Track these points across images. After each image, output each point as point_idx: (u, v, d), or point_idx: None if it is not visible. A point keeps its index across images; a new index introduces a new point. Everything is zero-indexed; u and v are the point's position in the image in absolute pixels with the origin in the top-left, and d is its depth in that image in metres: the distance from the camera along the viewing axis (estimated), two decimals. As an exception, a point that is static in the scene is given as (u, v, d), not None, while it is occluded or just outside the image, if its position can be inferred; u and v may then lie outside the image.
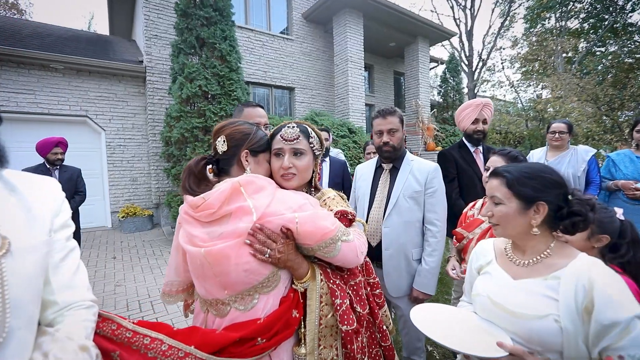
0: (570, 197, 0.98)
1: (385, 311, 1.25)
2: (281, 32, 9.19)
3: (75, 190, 3.71)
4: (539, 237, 1.00)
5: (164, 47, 6.91)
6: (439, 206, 1.73)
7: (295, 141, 1.09)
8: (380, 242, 1.73)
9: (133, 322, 0.90)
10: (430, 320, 1.03)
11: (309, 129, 1.15)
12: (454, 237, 1.76)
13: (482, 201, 1.79)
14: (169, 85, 6.38)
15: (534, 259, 1.01)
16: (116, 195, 7.07)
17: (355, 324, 1.00)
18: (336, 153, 4.15)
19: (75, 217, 3.66)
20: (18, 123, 6.15)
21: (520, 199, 0.97)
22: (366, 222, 1.81)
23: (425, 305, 1.12)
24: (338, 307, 1.00)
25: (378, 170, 1.90)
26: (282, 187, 1.08)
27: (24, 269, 0.67)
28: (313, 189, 1.21)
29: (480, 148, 2.44)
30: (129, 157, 7.14)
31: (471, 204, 1.84)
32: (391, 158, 1.80)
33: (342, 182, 3.08)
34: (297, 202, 0.99)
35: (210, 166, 1.14)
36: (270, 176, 1.13)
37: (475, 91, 17.66)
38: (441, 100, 12.26)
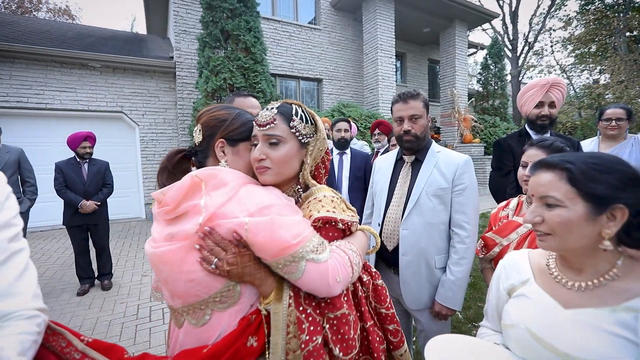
0: None
1: (403, 352, 0.98)
2: (309, 23, 8.97)
3: (103, 182, 3.81)
4: (604, 252, 0.72)
5: (192, 42, 6.98)
6: (469, 206, 1.45)
7: (268, 126, 0.87)
8: (398, 246, 1.49)
9: (87, 342, 0.78)
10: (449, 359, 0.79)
11: (295, 110, 0.91)
12: (482, 244, 1.46)
13: (518, 200, 1.48)
14: (196, 79, 6.44)
15: (595, 282, 0.74)
16: (149, 187, 7.35)
17: None
18: (361, 145, 3.91)
19: (104, 209, 3.77)
20: (61, 119, 6.55)
21: (590, 200, 0.69)
22: (382, 223, 1.57)
23: (444, 338, 0.86)
24: (304, 345, 0.76)
25: (398, 163, 1.65)
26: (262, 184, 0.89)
27: None
28: (300, 187, 0.96)
29: (548, 135, 2.07)
30: (160, 150, 7.37)
31: (503, 203, 1.53)
32: (413, 149, 1.53)
33: (365, 176, 2.85)
34: (260, 203, 0.77)
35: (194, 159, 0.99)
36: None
37: (520, 78, 16.28)
38: (481, 88, 11.40)
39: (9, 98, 6.06)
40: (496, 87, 10.97)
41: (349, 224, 0.88)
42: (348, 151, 2.93)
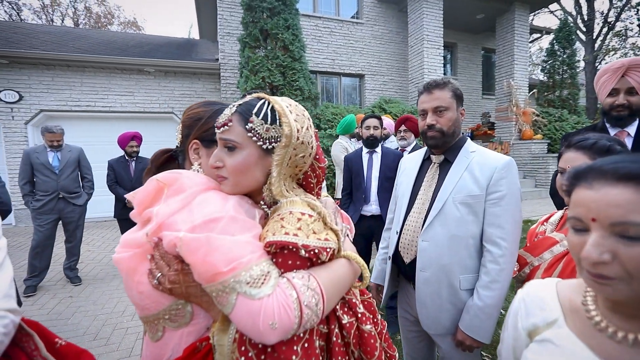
0: None
1: None
2: (351, 17, 8.75)
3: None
4: None
5: (235, 43, 7.20)
6: (506, 219, 1.19)
7: (222, 129, 0.73)
8: (416, 259, 1.29)
9: (60, 345, 0.77)
10: None
11: (258, 108, 0.73)
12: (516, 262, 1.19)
13: (563, 213, 1.19)
14: (238, 79, 6.63)
15: None
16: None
17: None
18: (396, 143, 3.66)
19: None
20: (121, 120, 7.20)
21: None
22: (400, 231, 1.38)
23: None
24: None
25: (425, 163, 1.43)
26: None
27: None
28: (264, 204, 0.78)
29: (632, 130, 1.69)
30: (207, 149, 7.76)
31: (544, 217, 1.24)
32: (438, 146, 1.32)
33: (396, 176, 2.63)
34: (208, 214, 0.65)
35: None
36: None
37: (596, 64, 14.23)
38: (545, 78, 10.15)
39: (80, 102, 6.81)
40: (564, 76, 9.66)
41: (316, 251, 0.68)
42: (379, 149, 2.73)
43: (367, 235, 2.73)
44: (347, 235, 0.86)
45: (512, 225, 1.19)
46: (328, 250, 0.70)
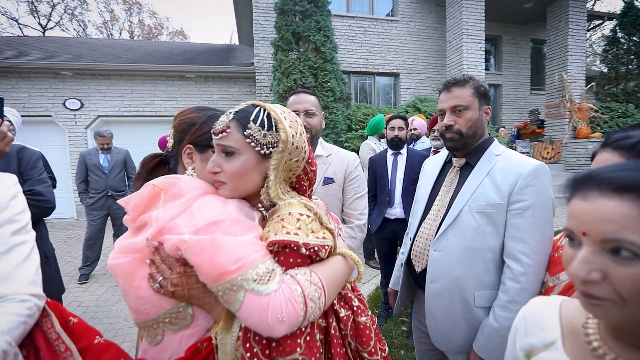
0: None
1: None
2: (386, 15, 8.57)
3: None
4: None
5: (270, 47, 7.39)
6: (531, 233, 1.07)
7: (220, 135, 0.75)
8: (426, 268, 1.23)
9: (73, 323, 0.84)
10: None
11: (255, 114, 0.76)
12: None
13: None
14: (271, 82, 6.80)
15: None
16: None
17: None
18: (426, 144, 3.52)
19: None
20: (166, 124, 7.73)
21: None
22: (414, 237, 1.31)
23: None
24: None
25: (447, 166, 1.35)
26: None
27: None
28: (262, 206, 0.80)
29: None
30: (243, 150, 8.07)
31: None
32: (457, 149, 1.23)
33: (423, 179, 2.53)
34: (210, 217, 0.68)
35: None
36: None
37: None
38: (606, 69, 9.13)
39: (130, 108, 7.43)
40: (630, 66, 8.61)
41: (316, 249, 0.71)
42: (404, 151, 2.64)
43: (392, 239, 2.65)
44: (339, 234, 0.87)
45: (539, 240, 1.06)
46: (326, 247, 0.73)
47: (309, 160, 0.84)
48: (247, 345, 0.66)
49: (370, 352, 0.78)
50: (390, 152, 2.68)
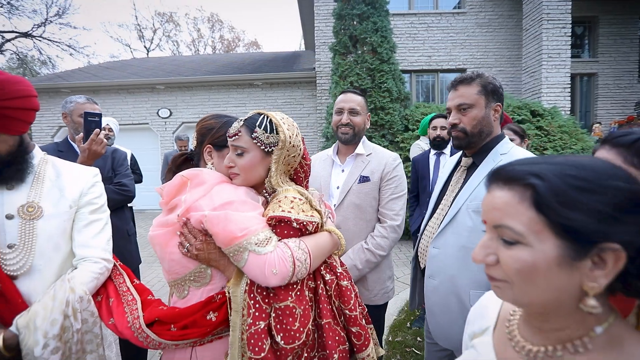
0: None
1: (365, 356, 0.95)
2: (453, 9, 8.11)
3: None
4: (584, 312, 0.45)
5: (329, 52, 7.65)
6: None
7: (234, 137, 0.97)
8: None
9: (135, 283, 1.12)
10: None
11: (260, 121, 0.96)
12: None
13: None
14: (330, 85, 7.03)
15: (550, 350, 0.48)
16: (294, 183, 8.61)
17: (265, 355, 0.83)
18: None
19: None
20: (237, 128, 8.58)
21: (565, 235, 0.43)
22: (421, 235, 1.36)
23: None
24: (247, 327, 0.85)
25: (458, 166, 1.36)
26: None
27: (48, 228, 1.00)
28: (266, 192, 1.02)
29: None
30: (303, 151, 8.48)
31: None
32: (462, 147, 1.25)
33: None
34: (223, 199, 0.90)
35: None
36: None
37: None
38: None
39: (213, 112, 8.42)
40: None
41: (304, 223, 0.91)
42: (447, 151, 2.56)
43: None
44: (329, 217, 1.05)
45: None
46: (313, 223, 0.93)
47: (304, 156, 1.03)
48: (252, 295, 0.87)
49: (350, 309, 0.95)
50: (433, 152, 2.63)
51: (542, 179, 0.44)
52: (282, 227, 0.91)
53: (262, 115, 0.98)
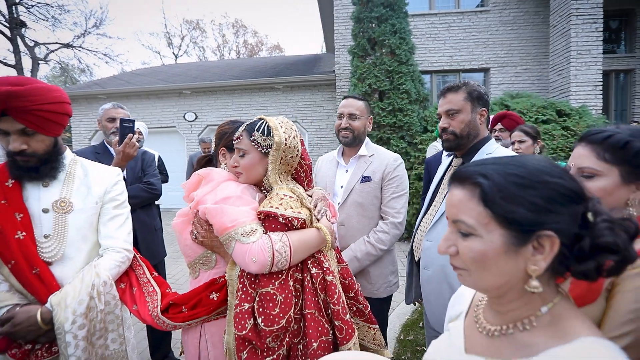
0: (590, 216, 0.51)
1: (346, 350, 0.98)
2: (475, 7, 7.95)
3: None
4: (535, 294, 0.52)
5: (349, 54, 7.72)
6: None
7: (236, 141, 1.09)
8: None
9: (155, 276, 1.27)
10: None
11: (258, 125, 1.07)
12: None
13: None
14: (349, 88, 7.10)
15: (504, 328, 0.56)
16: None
17: (246, 333, 0.93)
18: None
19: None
20: (259, 130, 8.83)
21: (508, 226, 0.51)
22: (415, 230, 1.44)
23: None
24: (234, 307, 0.98)
25: (450, 165, 1.46)
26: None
27: (77, 221, 1.15)
28: (264, 188, 1.13)
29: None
30: (323, 152, 8.58)
31: None
32: (452, 149, 1.36)
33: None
34: (224, 195, 1.02)
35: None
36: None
37: None
38: None
39: (230, 118, 8.72)
40: None
41: (290, 219, 1.00)
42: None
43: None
44: (326, 214, 1.12)
45: None
46: (299, 219, 1.01)
47: (302, 157, 1.12)
48: (242, 279, 0.99)
49: (334, 303, 1.02)
50: (445, 153, 2.65)
51: (487, 178, 0.52)
52: (270, 222, 1.01)
53: (262, 120, 1.09)
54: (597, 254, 0.49)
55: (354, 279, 1.17)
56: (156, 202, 2.33)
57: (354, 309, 1.15)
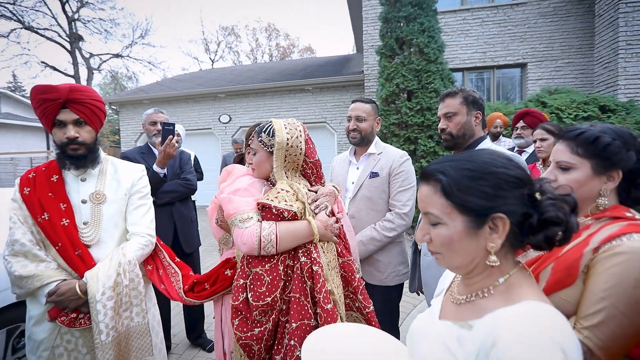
0: (538, 196, 0.61)
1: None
2: (512, 0, 7.62)
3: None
4: (492, 267, 0.62)
5: (377, 55, 7.73)
6: None
7: (250, 141, 1.27)
8: None
9: (176, 261, 1.46)
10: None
11: (266, 128, 1.20)
12: None
13: None
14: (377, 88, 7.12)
15: (468, 297, 0.66)
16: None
17: (238, 304, 1.11)
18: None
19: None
20: (289, 131, 9.10)
21: (467, 213, 0.60)
22: (419, 220, 1.55)
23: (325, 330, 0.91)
24: (233, 282, 1.17)
25: None
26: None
27: (110, 211, 1.35)
28: (269, 182, 1.27)
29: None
30: (351, 153, 8.66)
31: None
32: (450, 148, 1.52)
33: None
34: (236, 187, 1.20)
35: None
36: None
37: None
38: None
39: (262, 119, 9.04)
40: None
41: (281, 210, 1.12)
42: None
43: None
44: (326, 208, 1.23)
45: None
46: (289, 211, 1.13)
47: (306, 155, 1.23)
48: (242, 259, 1.18)
49: (317, 291, 1.11)
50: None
51: (445, 174, 0.62)
52: (265, 212, 1.15)
53: (270, 123, 1.22)
54: (545, 227, 0.58)
55: (356, 275, 1.26)
56: (192, 198, 2.58)
57: (357, 304, 1.25)
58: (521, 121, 2.62)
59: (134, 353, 1.25)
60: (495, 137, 3.34)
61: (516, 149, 2.69)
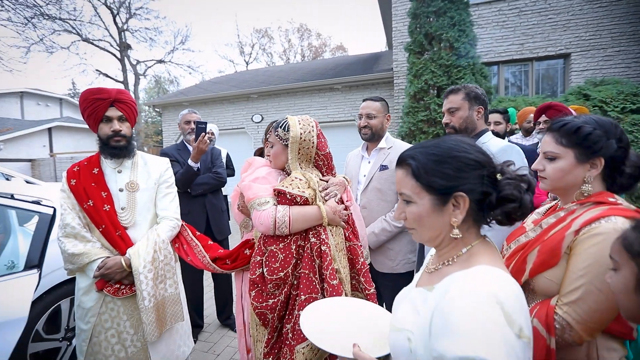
0: (499, 176, 0.69)
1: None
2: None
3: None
4: (456, 239, 0.71)
5: (405, 51, 7.64)
6: None
7: (268, 135, 1.42)
8: None
9: (197, 235, 1.67)
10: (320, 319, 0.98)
11: (282, 123, 1.35)
12: None
13: (553, 204, 1.02)
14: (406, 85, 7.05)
15: (437, 266, 0.75)
16: (370, 181, 8.85)
17: (255, 277, 1.26)
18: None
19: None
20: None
21: (433, 192, 0.70)
22: None
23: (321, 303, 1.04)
24: (251, 259, 1.32)
25: None
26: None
27: (143, 198, 1.57)
28: (284, 173, 1.41)
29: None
30: (379, 150, 8.64)
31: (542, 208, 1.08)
32: None
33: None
34: (255, 176, 1.35)
35: None
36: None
37: None
38: None
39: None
40: None
41: (294, 196, 1.27)
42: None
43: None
44: (336, 196, 1.37)
45: None
46: (301, 197, 1.27)
47: (318, 148, 1.37)
48: (260, 239, 1.32)
49: (324, 268, 1.25)
50: (489, 147, 2.64)
51: (415, 159, 0.72)
52: (281, 197, 1.30)
53: (285, 119, 1.37)
54: (502, 204, 0.67)
55: (360, 259, 1.40)
56: (223, 192, 2.82)
57: (360, 287, 1.39)
58: (543, 115, 2.54)
59: (169, 318, 1.47)
60: (527, 133, 3.24)
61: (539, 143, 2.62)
